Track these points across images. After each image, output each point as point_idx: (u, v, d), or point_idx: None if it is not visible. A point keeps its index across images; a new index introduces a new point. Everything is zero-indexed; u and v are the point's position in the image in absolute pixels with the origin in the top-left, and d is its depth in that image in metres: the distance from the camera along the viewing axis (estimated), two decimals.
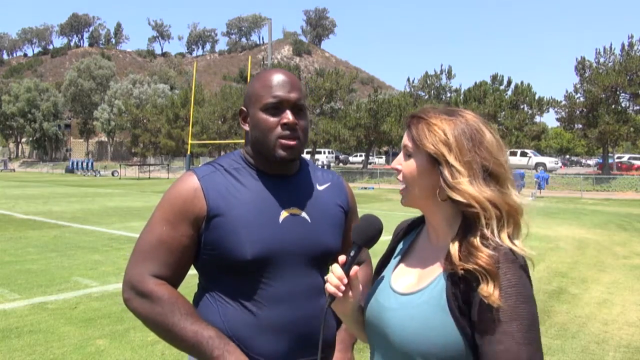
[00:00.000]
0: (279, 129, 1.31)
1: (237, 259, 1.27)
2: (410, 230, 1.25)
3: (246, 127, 1.40)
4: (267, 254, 1.28)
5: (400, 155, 1.13)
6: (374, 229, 1.15)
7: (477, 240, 0.98)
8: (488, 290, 0.93)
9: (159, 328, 1.25)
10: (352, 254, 1.13)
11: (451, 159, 1.02)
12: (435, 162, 1.05)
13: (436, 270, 1.06)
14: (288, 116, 1.31)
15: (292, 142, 1.31)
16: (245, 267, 1.28)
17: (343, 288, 1.12)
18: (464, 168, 1.02)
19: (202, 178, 1.33)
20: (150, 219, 1.35)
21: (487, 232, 0.99)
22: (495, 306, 0.92)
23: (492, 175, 1.03)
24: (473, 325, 0.96)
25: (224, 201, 1.30)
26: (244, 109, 1.40)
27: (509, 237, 1.01)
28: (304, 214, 1.35)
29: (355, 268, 1.14)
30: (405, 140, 1.11)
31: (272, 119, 1.31)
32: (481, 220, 1.00)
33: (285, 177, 1.39)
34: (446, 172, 1.02)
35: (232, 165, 1.38)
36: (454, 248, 1.00)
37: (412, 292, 1.07)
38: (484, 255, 0.96)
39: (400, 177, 1.12)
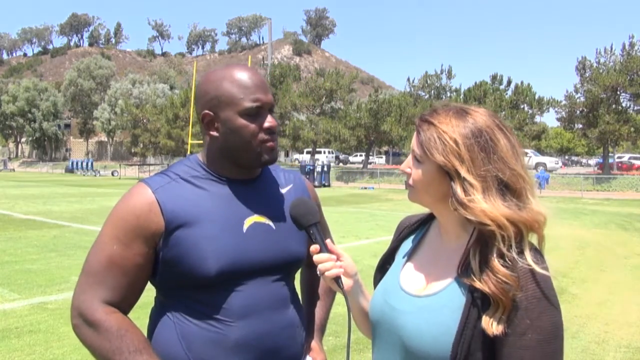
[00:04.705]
0: (262, 134, 1.24)
1: (201, 275, 1.18)
2: (418, 228, 1.21)
3: (214, 133, 1.25)
4: (232, 267, 1.20)
5: (410, 158, 1.09)
6: (310, 205, 1.20)
7: (494, 260, 0.93)
8: (488, 323, 0.92)
9: None
10: (316, 236, 1.15)
11: (463, 171, 0.96)
12: (446, 173, 0.99)
13: (450, 273, 1.02)
14: (270, 120, 1.25)
15: (273, 144, 1.27)
16: (209, 282, 1.20)
17: (339, 264, 1.13)
18: (477, 181, 0.96)
19: (157, 190, 1.21)
20: (99, 236, 1.22)
21: (505, 250, 0.93)
22: (496, 333, 0.91)
23: (508, 187, 0.97)
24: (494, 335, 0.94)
25: (183, 214, 1.19)
26: (210, 112, 1.25)
27: (531, 252, 0.95)
28: (267, 221, 1.28)
29: (328, 241, 1.16)
30: (414, 145, 1.05)
31: (254, 125, 1.23)
32: (497, 237, 0.94)
33: (247, 182, 1.31)
34: (458, 189, 0.97)
35: (190, 172, 1.28)
36: (475, 264, 0.96)
37: (427, 294, 1.03)
38: (502, 277, 0.92)
39: (410, 181, 1.08)
